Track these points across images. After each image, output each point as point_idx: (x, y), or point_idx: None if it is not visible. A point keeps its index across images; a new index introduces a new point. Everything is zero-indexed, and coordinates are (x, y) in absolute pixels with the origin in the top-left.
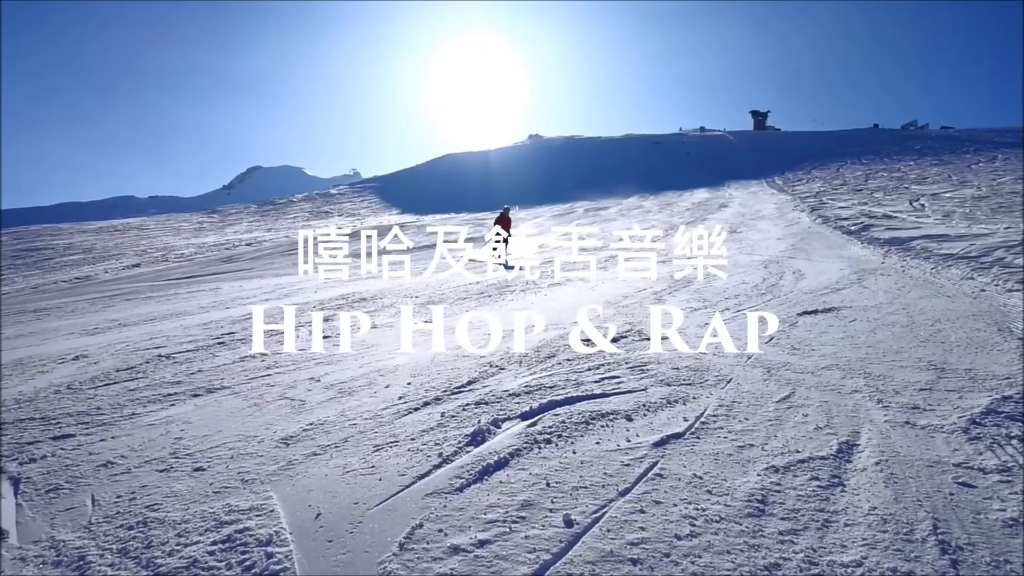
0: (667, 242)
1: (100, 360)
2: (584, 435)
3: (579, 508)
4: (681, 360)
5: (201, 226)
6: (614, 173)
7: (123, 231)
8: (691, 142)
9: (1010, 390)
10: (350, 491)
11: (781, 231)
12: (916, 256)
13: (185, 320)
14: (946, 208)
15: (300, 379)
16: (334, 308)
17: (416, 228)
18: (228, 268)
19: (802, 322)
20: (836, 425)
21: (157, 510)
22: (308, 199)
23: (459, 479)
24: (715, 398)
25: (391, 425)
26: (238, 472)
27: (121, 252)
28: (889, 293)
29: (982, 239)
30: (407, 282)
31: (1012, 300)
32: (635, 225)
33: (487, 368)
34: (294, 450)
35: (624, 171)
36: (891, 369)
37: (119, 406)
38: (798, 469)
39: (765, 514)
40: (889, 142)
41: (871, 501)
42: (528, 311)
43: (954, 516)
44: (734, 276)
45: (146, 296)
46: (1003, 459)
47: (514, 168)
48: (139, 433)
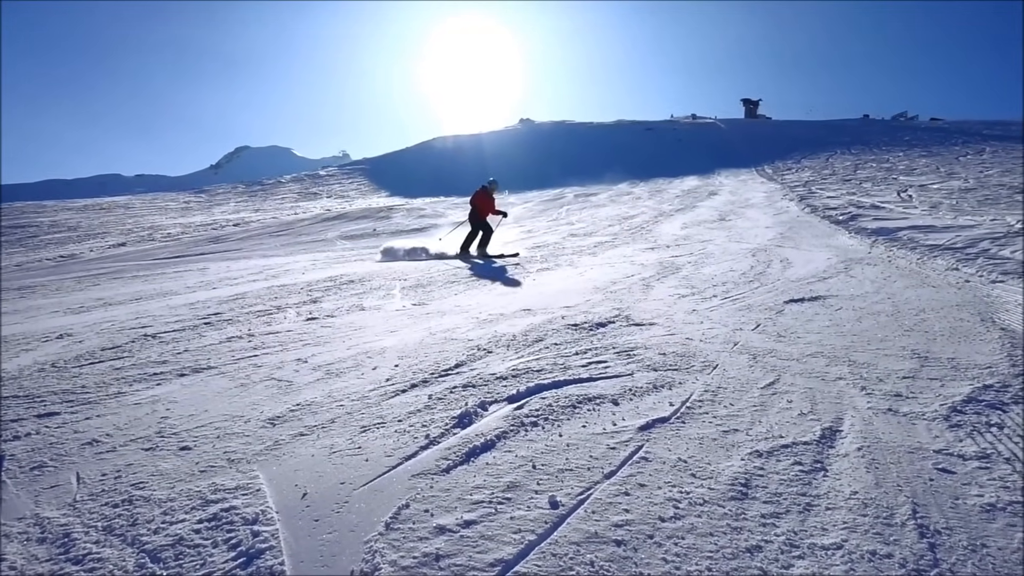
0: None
1: (85, 339)
2: (571, 418)
3: (565, 490)
4: (668, 346)
5: (188, 206)
6: (605, 159)
7: (109, 209)
8: (682, 129)
9: (991, 379)
10: (337, 471)
11: (770, 219)
12: (903, 246)
13: (171, 300)
14: (933, 199)
15: (287, 360)
16: (322, 290)
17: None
18: (215, 248)
19: (789, 310)
20: (820, 411)
21: (143, 488)
22: (296, 180)
23: (446, 460)
24: (701, 383)
25: (378, 407)
26: (224, 452)
27: (107, 231)
28: (875, 282)
29: (968, 230)
30: (396, 265)
31: (995, 291)
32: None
33: (475, 351)
34: (280, 430)
35: (615, 157)
36: (875, 357)
37: (104, 385)
38: (781, 454)
39: (748, 498)
40: (879, 133)
41: (852, 486)
42: (517, 295)
43: (933, 501)
44: (723, 264)
45: (132, 275)
46: (982, 446)
47: (505, 152)
48: (124, 412)
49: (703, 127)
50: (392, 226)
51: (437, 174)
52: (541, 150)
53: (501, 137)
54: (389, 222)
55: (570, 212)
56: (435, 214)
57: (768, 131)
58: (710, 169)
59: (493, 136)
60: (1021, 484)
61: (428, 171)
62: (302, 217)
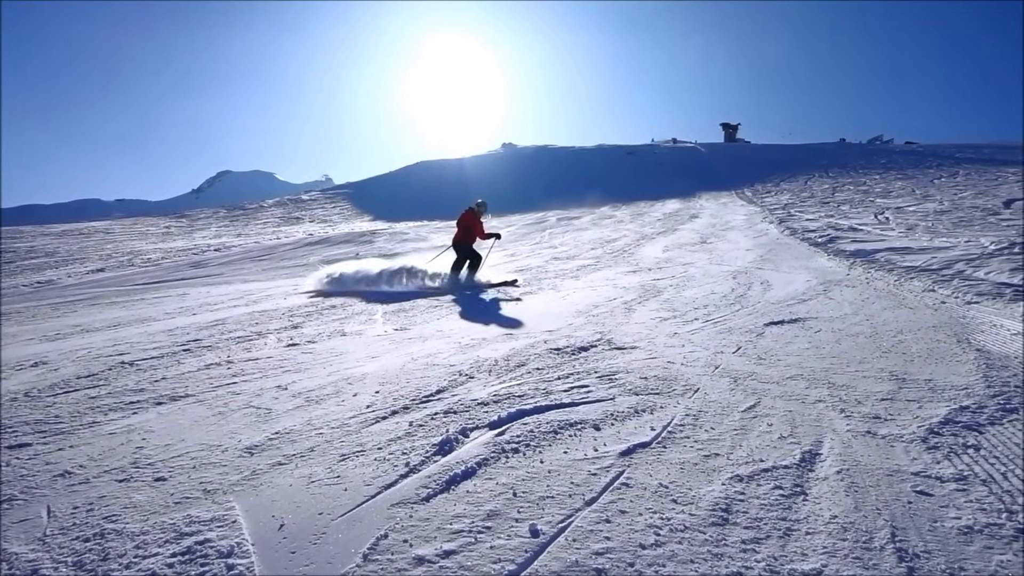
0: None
1: (60, 367)
2: (552, 444)
3: (545, 518)
4: (650, 369)
5: (169, 230)
6: (587, 182)
7: (88, 234)
8: (663, 153)
9: (967, 400)
10: (315, 501)
11: (750, 242)
12: (880, 268)
13: (150, 326)
14: (910, 221)
15: (267, 387)
16: (303, 315)
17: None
18: (196, 273)
19: (769, 332)
20: (800, 434)
21: (115, 521)
22: (279, 204)
23: (426, 489)
24: (682, 407)
25: (358, 434)
26: (200, 482)
27: (85, 256)
28: (854, 304)
29: (943, 252)
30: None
31: (971, 312)
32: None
33: (457, 377)
34: (258, 459)
35: (597, 180)
36: (854, 379)
37: (79, 414)
38: (762, 478)
39: (729, 523)
40: (856, 156)
41: (832, 510)
42: (499, 319)
43: (912, 524)
44: (704, 286)
45: (110, 301)
46: (959, 468)
47: (488, 176)
48: (99, 442)
49: (684, 150)
50: (375, 250)
51: (420, 198)
52: (523, 174)
53: (484, 161)
54: (372, 246)
55: (553, 235)
56: (418, 238)
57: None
58: (691, 192)
59: (476, 160)
60: (997, 506)
61: (411, 195)
62: (284, 242)
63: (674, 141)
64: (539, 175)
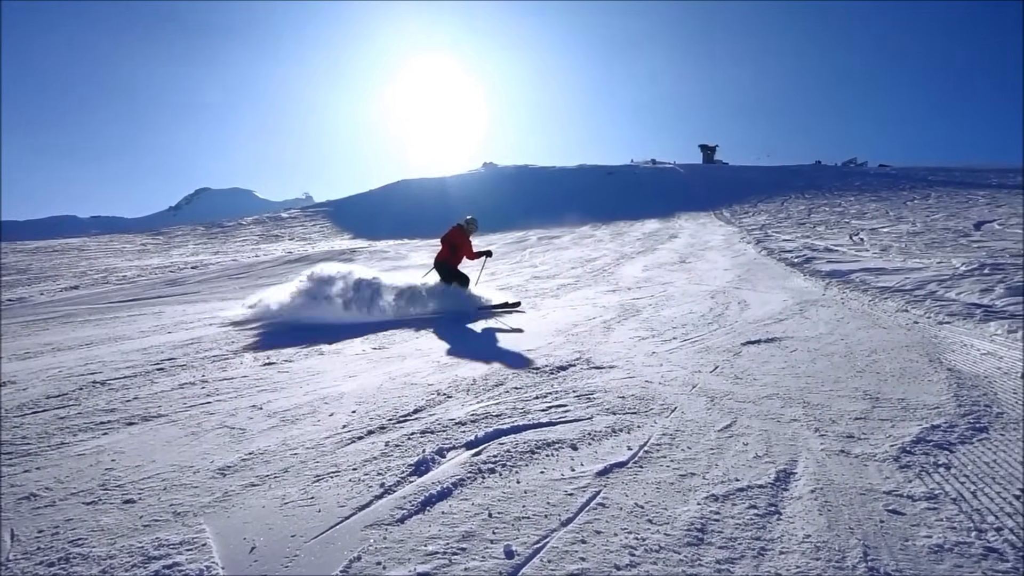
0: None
1: (29, 386)
2: (529, 464)
3: (521, 539)
4: (628, 389)
5: (145, 247)
6: (567, 202)
7: (62, 251)
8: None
9: (939, 419)
10: (288, 523)
11: (728, 262)
12: (855, 288)
13: (124, 345)
14: (884, 242)
15: (241, 407)
16: (280, 333)
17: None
18: (172, 291)
19: (746, 352)
20: (775, 454)
21: (81, 545)
22: (258, 222)
23: (400, 510)
24: (659, 427)
25: (333, 455)
26: (171, 504)
27: (59, 273)
28: (829, 324)
29: (916, 273)
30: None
31: (943, 332)
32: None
33: (434, 396)
34: (231, 481)
35: (577, 200)
36: (829, 398)
37: (47, 435)
38: (737, 498)
39: (704, 543)
40: (831, 178)
41: (805, 529)
42: (479, 339)
43: (884, 543)
44: (682, 305)
45: (84, 319)
46: (930, 487)
47: (468, 195)
48: (67, 464)
49: (663, 171)
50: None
51: (401, 217)
52: (504, 193)
53: (465, 180)
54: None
55: (533, 254)
56: (398, 256)
57: (725, 175)
58: (670, 212)
59: (457, 179)
60: (967, 524)
61: (392, 214)
62: (263, 259)
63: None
64: (520, 194)
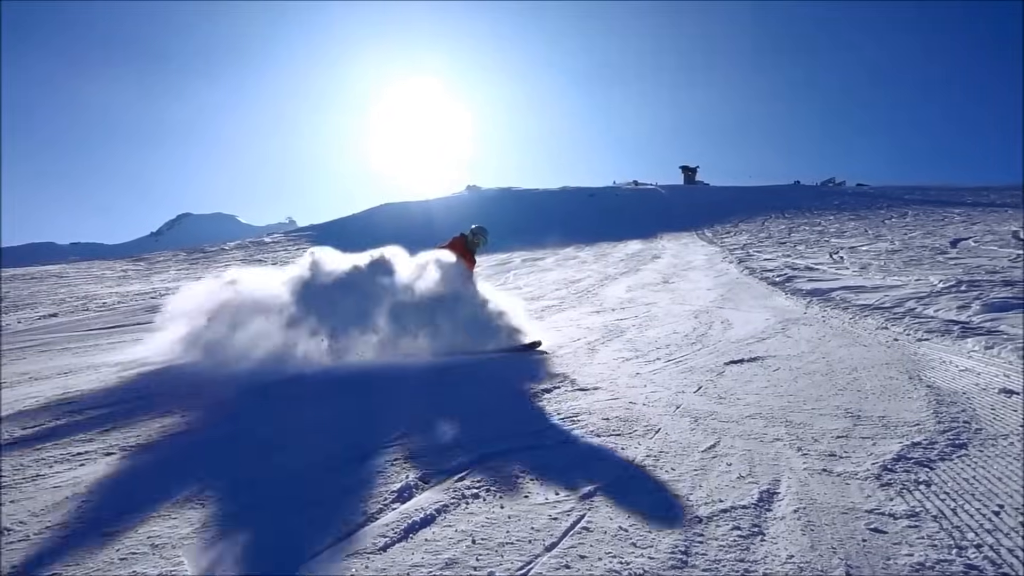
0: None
1: (4, 417)
2: (513, 489)
3: (504, 565)
4: (612, 410)
5: (126, 274)
6: (551, 224)
7: (40, 278)
8: (624, 195)
9: (919, 436)
10: (269, 554)
11: (711, 282)
12: (836, 306)
13: (102, 373)
14: (863, 260)
15: (223, 435)
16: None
17: None
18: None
19: (729, 371)
20: (758, 474)
21: None
22: (241, 247)
23: (383, 538)
24: (643, 448)
25: (316, 482)
26: (148, 537)
27: (37, 301)
28: (811, 342)
29: (895, 290)
30: None
31: (922, 349)
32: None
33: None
34: (212, 510)
35: (560, 222)
36: (811, 417)
37: (22, 467)
38: (721, 519)
39: (688, 566)
40: (811, 197)
41: (788, 549)
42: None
43: (866, 562)
44: (666, 326)
45: (62, 348)
46: (912, 504)
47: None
48: (42, 496)
49: (645, 192)
50: None
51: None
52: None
53: (449, 203)
54: None
55: (517, 276)
56: None
57: (706, 196)
58: (653, 233)
59: (441, 202)
60: (948, 542)
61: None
62: None
63: (635, 183)
64: (503, 217)
